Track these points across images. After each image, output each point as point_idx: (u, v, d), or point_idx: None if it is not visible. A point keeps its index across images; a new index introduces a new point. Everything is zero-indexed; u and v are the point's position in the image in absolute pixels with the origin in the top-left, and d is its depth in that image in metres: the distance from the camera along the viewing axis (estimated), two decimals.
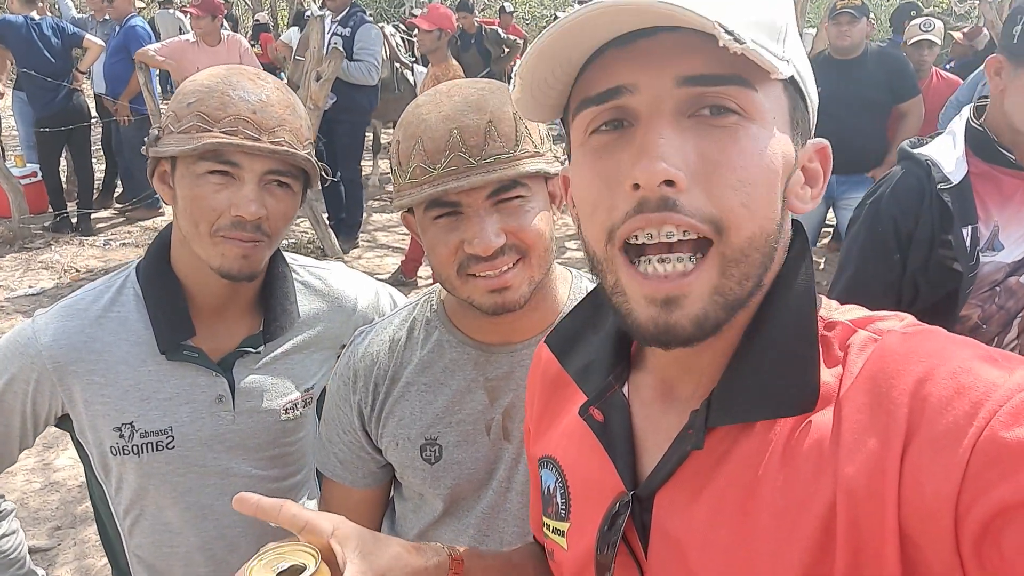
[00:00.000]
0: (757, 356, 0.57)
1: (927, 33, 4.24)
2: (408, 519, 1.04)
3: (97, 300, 1.10)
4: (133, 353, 1.08)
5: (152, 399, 1.08)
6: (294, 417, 1.18)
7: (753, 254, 0.54)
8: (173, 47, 5.39)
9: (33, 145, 5.95)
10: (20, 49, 5.46)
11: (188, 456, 1.10)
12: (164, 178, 1.05)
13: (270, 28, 9.49)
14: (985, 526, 0.44)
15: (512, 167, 0.87)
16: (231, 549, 1.16)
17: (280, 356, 1.17)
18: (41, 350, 1.05)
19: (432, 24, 4.42)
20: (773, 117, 0.54)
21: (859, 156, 3.73)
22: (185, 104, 1.01)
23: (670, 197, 0.51)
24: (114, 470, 1.11)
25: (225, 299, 1.11)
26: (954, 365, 0.49)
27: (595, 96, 0.55)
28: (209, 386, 1.10)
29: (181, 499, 1.11)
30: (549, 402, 0.76)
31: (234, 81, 1.02)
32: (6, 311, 4.50)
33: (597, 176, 0.56)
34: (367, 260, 5.49)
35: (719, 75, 0.52)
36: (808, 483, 0.52)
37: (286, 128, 1.03)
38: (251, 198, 1.00)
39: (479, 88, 0.91)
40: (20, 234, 5.62)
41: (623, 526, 0.60)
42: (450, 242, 0.89)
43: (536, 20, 15.52)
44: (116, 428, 1.07)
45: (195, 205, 1.00)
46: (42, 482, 2.93)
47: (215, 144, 0.97)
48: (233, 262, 1.03)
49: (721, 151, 0.52)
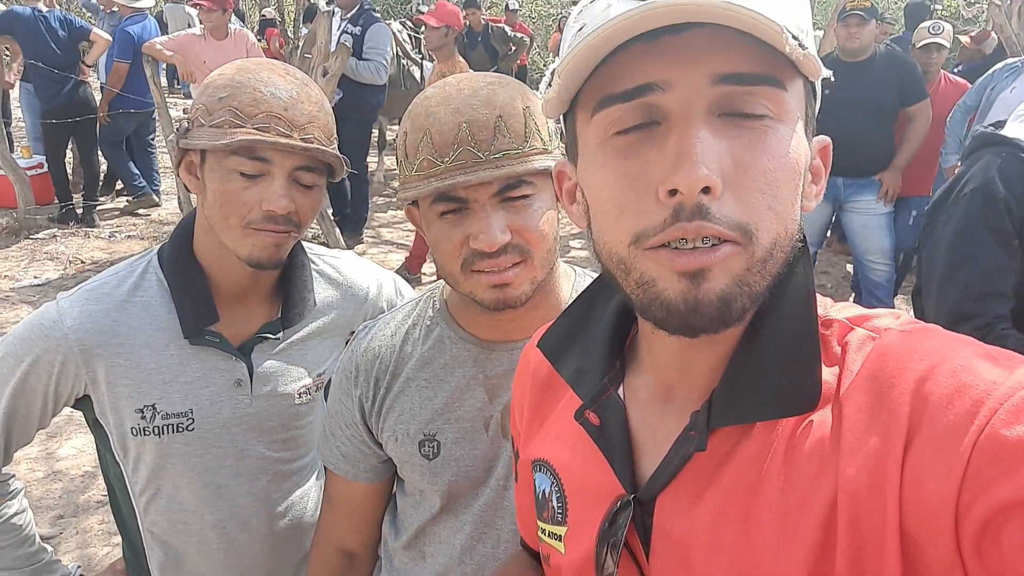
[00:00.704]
0: (759, 355, 0.56)
1: (936, 36, 4.23)
2: (409, 515, 1.04)
3: (121, 284, 1.12)
4: (156, 337, 1.10)
5: (174, 382, 1.10)
6: (307, 401, 1.21)
7: (777, 254, 0.53)
8: (180, 41, 5.40)
9: (39, 137, 5.97)
10: (28, 41, 5.47)
11: (206, 438, 1.13)
12: (192, 169, 1.07)
13: (276, 23, 9.50)
14: (985, 524, 0.44)
15: (521, 163, 0.87)
16: (243, 528, 1.19)
17: (296, 342, 1.20)
18: (68, 332, 1.07)
19: (440, 21, 4.42)
20: (797, 116, 0.54)
21: (866, 159, 3.73)
22: (216, 98, 1.02)
23: (704, 205, 0.50)
24: (132, 450, 1.13)
25: (246, 286, 1.15)
26: (954, 363, 0.49)
27: (621, 93, 0.53)
28: (229, 370, 1.14)
29: (198, 479, 1.14)
30: (540, 404, 0.76)
31: (265, 77, 1.04)
32: (11, 301, 4.52)
33: (623, 178, 0.53)
34: (371, 256, 5.51)
35: (755, 74, 0.51)
36: (810, 483, 0.52)
37: (316, 125, 1.06)
38: (281, 193, 1.03)
39: (489, 82, 0.90)
40: (26, 225, 5.64)
41: (625, 530, 0.59)
42: (455, 237, 0.88)
43: (543, 19, 15.48)
44: (138, 410, 1.09)
45: (226, 199, 1.03)
46: (45, 471, 2.94)
47: (249, 141, 1.00)
48: (263, 251, 1.06)
49: (752, 154, 0.51)
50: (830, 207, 3.89)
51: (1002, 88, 3.63)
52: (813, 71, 0.52)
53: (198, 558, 1.18)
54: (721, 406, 0.56)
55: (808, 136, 0.57)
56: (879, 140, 3.74)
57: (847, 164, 3.65)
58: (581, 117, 0.58)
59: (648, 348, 0.64)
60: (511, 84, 0.91)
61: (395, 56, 6.39)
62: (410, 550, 1.04)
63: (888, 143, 3.78)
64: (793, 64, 0.52)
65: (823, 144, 0.61)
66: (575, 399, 0.68)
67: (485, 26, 7.78)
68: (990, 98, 3.66)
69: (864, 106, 3.64)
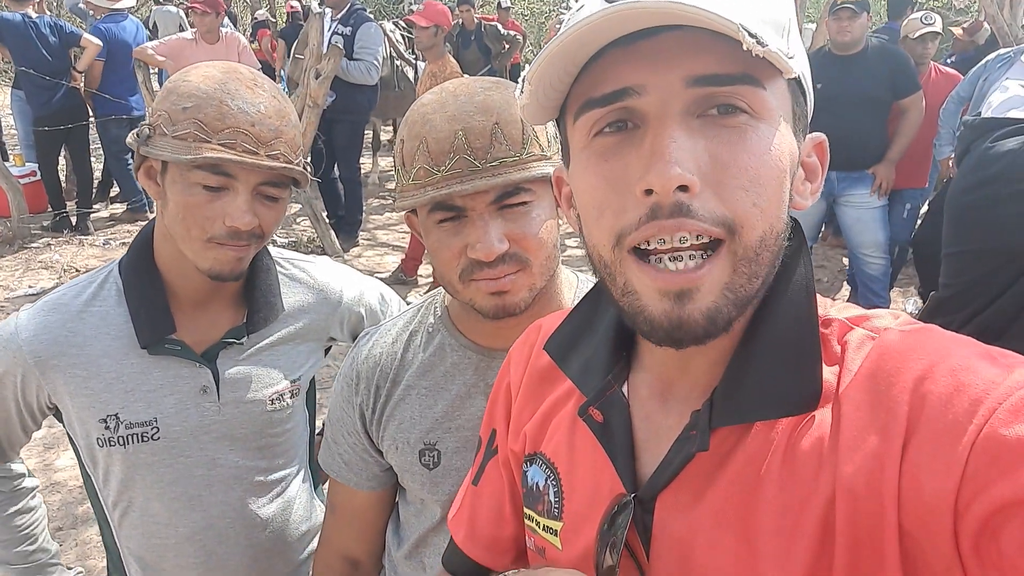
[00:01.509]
0: (760, 354, 0.56)
1: (930, 25, 4.22)
2: (411, 523, 1.04)
3: (79, 295, 1.11)
4: (115, 347, 1.09)
5: (136, 391, 1.09)
6: (281, 408, 1.19)
7: (764, 253, 0.53)
8: (171, 45, 5.38)
9: (32, 144, 5.94)
10: (18, 47, 5.44)
11: (174, 447, 1.11)
12: (151, 174, 1.06)
13: (269, 25, 9.49)
14: (984, 523, 0.44)
15: (518, 171, 0.86)
16: (220, 540, 1.16)
17: (266, 347, 1.18)
18: (22, 345, 1.07)
19: (429, 21, 4.41)
20: (779, 115, 0.54)
21: (859, 153, 3.73)
22: (180, 108, 1.00)
23: (683, 202, 0.50)
24: (101, 462, 1.12)
25: (208, 293, 1.13)
26: (953, 363, 0.49)
27: (600, 98, 0.54)
28: (193, 377, 1.12)
29: (168, 490, 1.12)
30: (531, 398, 0.75)
31: (232, 89, 1.01)
32: (5, 311, 4.50)
33: (603, 179, 0.54)
34: (367, 259, 5.49)
35: (730, 75, 0.51)
36: (809, 481, 0.52)
37: (282, 140, 1.04)
38: (245, 209, 1.02)
39: (485, 88, 0.89)
40: (19, 233, 5.62)
41: (626, 529, 0.59)
42: (453, 246, 0.88)
43: (535, 16, 15.49)
44: (101, 420, 1.08)
45: (188, 212, 1.02)
46: (43, 482, 2.93)
47: (214, 159, 0.98)
48: (224, 265, 1.05)
49: (731, 152, 0.52)
50: (824, 201, 3.89)
51: (995, 79, 3.63)
52: (784, 68, 0.51)
53: (176, 572, 1.16)
54: (723, 405, 0.56)
55: (797, 133, 0.57)
56: (872, 133, 3.74)
57: (840, 158, 3.61)
58: (568, 122, 0.59)
59: (648, 347, 0.64)
60: (508, 89, 0.90)
61: (388, 57, 6.37)
62: (411, 560, 1.03)
63: (881, 136, 3.78)
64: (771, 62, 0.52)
65: (818, 141, 0.61)
66: (575, 393, 0.68)
67: (478, 24, 7.77)
68: (983, 89, 3.67)
69: (856, 99, 3.65)
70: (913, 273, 4.74)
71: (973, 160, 1.60)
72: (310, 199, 4.93)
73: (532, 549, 0.72)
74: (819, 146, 0.61)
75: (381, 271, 5.07)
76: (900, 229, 4.10)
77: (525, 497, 0.73)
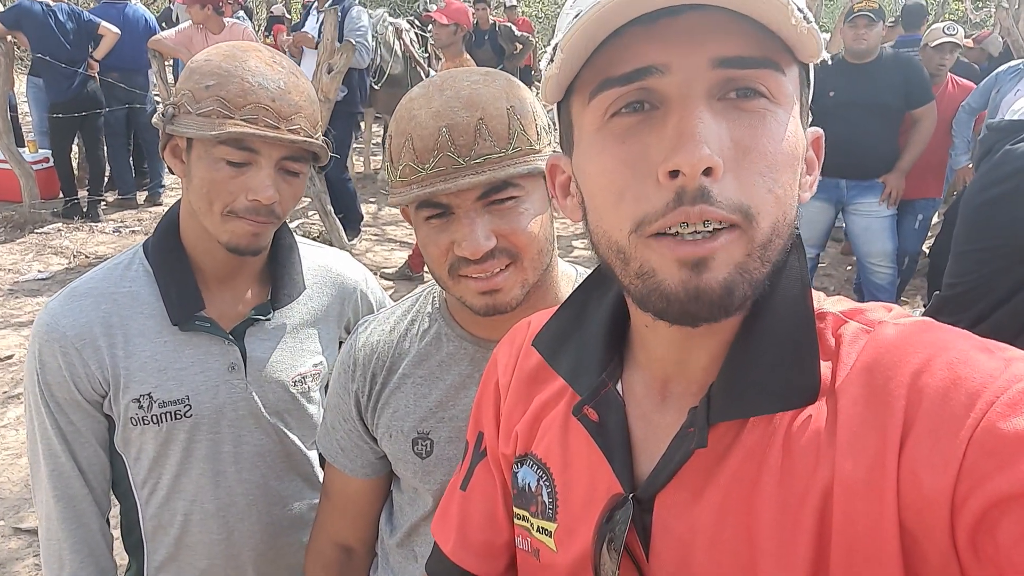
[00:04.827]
0: (757, 348, 0.56)
1: (951, 36, 4.19)
2: (404, 511, 1.04)
3: (107, 278, 1.13)
4: (149, 326, 1.11)
5: (169, 369, 1.11)
6: (303, 391, 1.21)
7: (776, 240, 0.53)
8: (184, 34, 5.44)
9: (46, 131, 5.98)
10: (37, 35, 5.49)
11: (204, 424, 1.14)
12: (177, 153, 1.08)
13: (284, 20, 9.53)
14: (981, 517, 0.44)
15: (503, 168, 0.85)
16: (242, 517, 1.19)
17: (290, 329, 1.21)
18: (65, 331, 1.08)
19: (449, 18, 4.43)
20: (794, 102, 0.54)
21: (871, 161, 3.71)
22: (203, 86, 1.03)
23: (706, 187, 0.49)
24: (134, 441, 1.14)
25: (233, 269, 1.16)
26: (950, 356, 0.49)
27: (620, 76, 0.52)
28: (222, 355, 1.14)
29: (196, 466, 1.15)
30: (520, 398, 0.74)
31: (252, 66, 1.04)
32: (16, 295, 4.54)
33: (620, 162, 0.53)
34: (375, 254, 5.51)
35: (754, 58, 0.51)
36: (807, 476, 0.51)
37: (302, 115, 1.07)
38: (267, 183, 1.04)
39: (473, 81, 0.88)
40: (31, 219, 5.66)
41: (626, 530, 0.58)
42: (441, 243, 0.87)
43: (550, 19, 15.46)
44: (135, 400, 1.10)
45: (212, 187, 1.04)
46: None
47: (238, 134, 1.01)
48: (242, 239, 1.07)
49: (752, 136, 0.51)
50: (833, 209, 3.87)
51: (1007, 90, 3.62)
52: (814, 49, 0.51)
53: (199, 549, 1.18)
54: (721, 400, 0.55)
55: (804, 123, 0.57)
56: (884, 142, 3.72)
57: (851, 166, 3.64)
58: (577, 103, 0.57)
59: (642, 343, 0.63)
60: (496, 81, 0.89)
61: (402, 54, 6.38)
62: (403, 548, 1.03)
63: (893, 145, 3.76)
64: (789, 49, 0.52)
65: (816, 135, 0.61)
66: (567, 392, 0.67)
67: (492, 24, 7.78)
68: (995, 100, 3.65)
69: (869, 108, 3.63)
70: (920, 284, 4.72)
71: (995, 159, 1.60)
72: (319, 192, 4.94)
73: (525, 550, 0.71)
74: (816, 140, 0.61)
75: (389, 267, 5.08)
76: (911, 240, 4.08)
77: (516, 498, 0.72)
